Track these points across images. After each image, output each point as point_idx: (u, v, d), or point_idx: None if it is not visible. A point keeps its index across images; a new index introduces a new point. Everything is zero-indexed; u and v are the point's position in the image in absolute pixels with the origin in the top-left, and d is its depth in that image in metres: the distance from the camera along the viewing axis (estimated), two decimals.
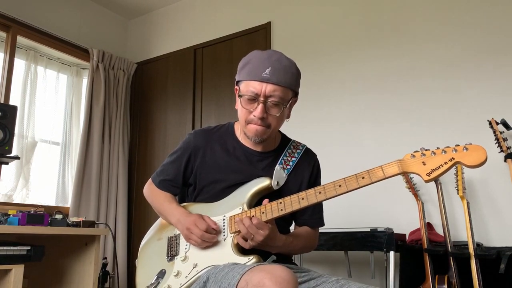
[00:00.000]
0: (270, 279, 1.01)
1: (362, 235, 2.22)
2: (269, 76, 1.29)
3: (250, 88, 1.32)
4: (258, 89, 1.30)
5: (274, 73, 1.30)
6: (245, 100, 1.34)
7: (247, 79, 1.33)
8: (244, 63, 1.37)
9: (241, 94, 1.35)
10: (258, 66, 1.31)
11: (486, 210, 2.35)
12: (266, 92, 1.30)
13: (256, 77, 1.31)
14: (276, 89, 1.31)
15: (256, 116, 1.32)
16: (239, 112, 1.40)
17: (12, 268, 2.06)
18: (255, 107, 1.33)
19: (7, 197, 3.15)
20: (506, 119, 2.16)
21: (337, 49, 3.02)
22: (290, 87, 1.34)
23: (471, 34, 2.56)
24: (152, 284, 1.36)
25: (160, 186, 1.52)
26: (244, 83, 1.35)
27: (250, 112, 1.34)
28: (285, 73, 1.32)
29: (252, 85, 1.31)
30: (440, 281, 2.04)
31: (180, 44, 3.87)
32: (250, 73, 1.33)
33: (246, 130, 1.39)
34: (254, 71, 1.32)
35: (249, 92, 1.32)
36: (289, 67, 1.34)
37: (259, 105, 1.32)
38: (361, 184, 1.19)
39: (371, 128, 2.78)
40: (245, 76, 1.34)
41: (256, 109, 1.32)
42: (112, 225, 3.57)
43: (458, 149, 1.13)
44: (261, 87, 1.30)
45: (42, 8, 3.52)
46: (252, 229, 1.24)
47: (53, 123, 3.58)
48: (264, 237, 1.24)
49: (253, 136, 1.38)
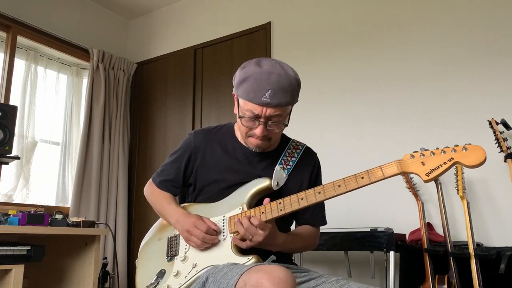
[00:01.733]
0: (268, 279, 1.02)
1: (362, 235, 2.22)
2: (269, 100, 1.25)
3: (249, 108, 1.29)
4: (258, 111, 1.28)
5: (275, 96, 1.26)
6: (246, 119, 1.32)
7: (246, 99, 1.29)
8: (241, 79, 1.31)
9: (241, 114, 1.32)
10: (257, 88, 1.26)
11: (486, 210, 2.35)
12: (267, 114, 1.28)
13: (255, 100, 1.27)
14: (277, 110, 1.28)
15: (257, 135, 1.32)
16: (239, 124, 1.39)
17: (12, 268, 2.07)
18: (256, 126, 1.32)
19: (7, 197, 3.15)
20: (506, 119, 2.16)
21: (337, 49, 3.02)
22: (291, 104, 1.33)
23: (471, 34, 2.55)
24: (152, 284, 1.36)
25: (161, 186, 1.52)
26: (242, 101, 1.31)
27: (251, 128, 1.34)
28: (285, 94, 1.27)
29: (251, 106, 1.28)
30: (440, 281, 2.04)
31: (180, 44, 3.87)
32: (248, 93, 1.28)
33: (247, 141, 1.40)
34: (253, 92, 1.27)
35: (249, 112, 1.29)
36: (289, 86, 1.28)
37: (259, 125, 1.31)
38: (361, 184, 1.19)
39: (371, 128, 2.78)
40: (244, 95, 1.29)
41: (257, 128, 1.32)
42: (112, 225, 3.57)
43: (457, 149, 1.13)
44: (261, 110, 1.28)
45: (42, 8, 3.52)
46: (250, 230, 1.24)
47: (53, 123, 3.58)
48: (264, 237, 1.25)
49: (254, 148, 1.40)
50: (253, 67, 1.30)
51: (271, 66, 1.29)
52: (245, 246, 1.27)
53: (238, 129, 1.49)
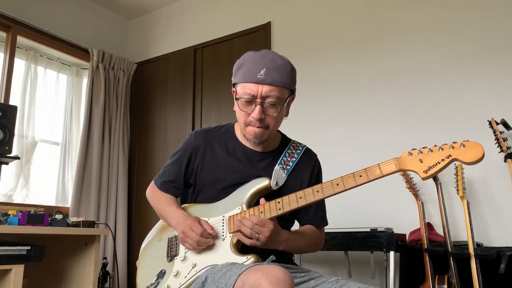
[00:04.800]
0: (266, 279, 1.02)
1: (362, 235, 2.22)
2: (264, 77, 1.29)
3: (246, 90, 1.32)
4: (254, 91, 1.30)
5: (269, 74, 1.30)
6: (243, 102, 1.34)
7: (242, 81, 1.33)
8: (238, 65, 1.37)
9: (238, 97, 1.35)
10: (252, 67, 1.31)
11: (486, 210, 2.35)
12: (263, 93, 1.30)
13: (251, 79, 1.30)
14: (272, 90, 1.31)
15: (254, 118, 1.33)
16: (237, 115, 1.40)
17: (12, 268, 2.06)
18: (253, 109, 1.33)
19: (7, 197, 3.15)
20: (506, 119, 2.16)
21: (337, 49, 3.02)
22: (286, 85, 1.34)
23: (471, 34, 2.55)
24: (152, 284, 1.36)
25: (162, 188, 1.52)
26: (240, 85, 1.35)
27: (248, 114, 1.35)
28: (280, 73, 1.31)
29: (248, 87, 1.31)
30: (440, 281, 2.04)
31: (180, 44, 3.88)
32: (245, 75, 1.32)
33: (245, 132, 1.39)
34: (248, 73, 1.31)
35: (246, 94, 1.32)
36: (283, 66, 1.33)
37: (256, 106, 1.32)
38: (359, 182, 1.19)
39: (371, 127, 2.78)
40: (241, 78, 1.34)
41: (254, 111, 1.33)
42: (112, 225, 3.57)
43: (455, 146, 1.13)
44: (257, 89, 1.30)
45: (42, 8, 3.52)
46: (255, 228, 1.24)
47: (53, 123, 3.58)
48: (271, 232, 1.24)
49: (252, 138, 1.38)
50: (248, 53, 1.37)
51: (266, 51, 1.37)
52: (249, 243, 1.27)
53: (238, 128, 1.49)
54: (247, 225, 1.25)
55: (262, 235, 1.24)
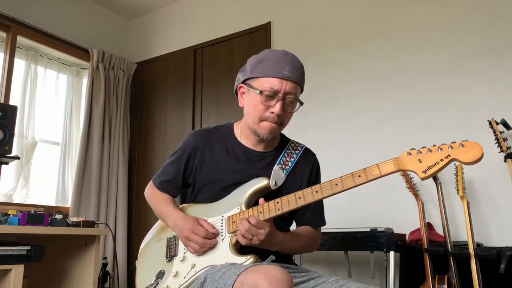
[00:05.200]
0: (265, 279, 1.02)
1: (362, 235, 2.21)
2: (289, 74, 1.32)
3: (269, 85, 1.32)
4: (278, 86, 1.32)
5: (293, 72, 1.33)
6: (264, 96, 1.34)
7: (265, 76, 1.33)
8: (258, 60, 1.37)
9: (261, 89, 1.34)
10: (276, 63, 1.33)
11: (486, 210, 2.34)
12: (286, 90, 1.33)
13: (276, 74, 1.32)
14: (294, 87, 1.34)
15: (275, 113, 1.34)
16: (251, 110, 1.38)
17: (12, 268, 2.06)
18: (273, 104, 1.34)
19: (7, 197, 3.15)
20: (506, 119, 2.15)
21: (337, 49, 3.02)
22: (302, 86, 1.40)
23: (472, 34, 2.55)
24: (151, 284, 1.36)
25: (160, 187, 1.52)
26: (261, 79, 1.35)
27: (266, 109, 1.35)
28: (299, 72, 1.36)
29: (271, 82, 1.32)
30: (440, 281, 2.04)
31: (180, 44, 3.87)
32: (268, 70, 1.33)
33: (259, 127, 1.38)
34: (273, 68, 1.33)
35: (268, 88, 1.33)
36: (301, 67, 1.38)
37: (278, 102, 1.33)
38: (358, 182, 1.18)
39: (370, 128, 2.78)
40: (263, 72, 1.34)
41: (274, 106, 1.34)
42: (112, 225, 3.57)
43: (454, 146, 1.12)
44: (281, 85, 1.32)
45: (42, 8, 3.52)
46: (251, 230, 1.24)
47: (53, 123, 3.58)
48: (266, 235, 1.24)
49: (265, 134, 1.38)
50: (267, 50, 1.40)
51: (285, 51, 1.39)
52: (244, 243, 1.27)
53: (237, 128, 1.49)
54: (244, 226, 1.25)
55: (257, 238, 1.25)
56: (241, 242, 1.27)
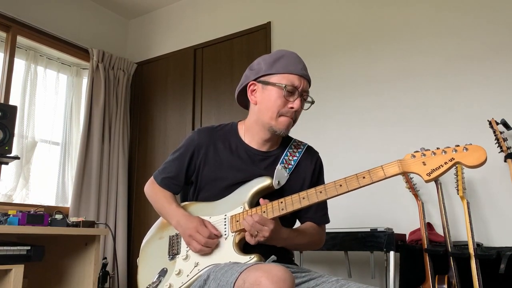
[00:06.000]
0: (267, 278, 1.02)
1: (362, 235, 2.22)
2: (306, 73, 1.41)
3: (291, 81, 1.37)
4: (298, 83, 1.38)
5: (306, 71, 1.42)
6: (287, 92, 1.37)
7: (286, 72, 1.38)
8: (276, 57, 1.42)
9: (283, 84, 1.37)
10: (294, 62, 1.40)
11: (486, 210, 2.35)
12: (304, 87, 1.39)
13: (296, 71, 1.38)
14: (308, 86, 1.42)
15: (295, 108, 1.38)
16: (269, 105, 1.40)
17: (12, 268, 2.06)
18: (293, 100, 1.38)
19: (7, 197, 3.15)
20: (506, 119, 2.16)
21: (337, 49, 3.03)
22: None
23: (472, 34, 2.56)
24: (154, 282, 1.36)
25: (162, 184, 1.51)
26: (281, 75, 1.39)
27: (284, 104, 1.38)
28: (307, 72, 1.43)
29: (292, 78, 1.38)
30: (440, 281, 2.04)
31: (180, 44, 3.87)
32: (288, 67, 1.39)
33: (277, 123, 1.40)
34: (292, 65, 1.39)
35: (290, 83, 1.37)
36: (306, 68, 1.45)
37: (298, 98, 1.38)
38: (362, 183, 1.19)
39: (371, 128, 2.78)
40: (283, 69, 1.39)
41: (294, 102, 1.38)
42: (112, 225, 3.57)
43: (458, 150, 1.13)
44: (300, 82, 1.38)
45: (42, 8, 3.52)
46: (256, 226, 1.24)
47: (53, 123, 3.58)
48: (270, 232, 1.25)
49: (283, 129, 1.40)
50: (281, 50, 1.47)
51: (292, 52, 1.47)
52: (254, 242, 1.27)
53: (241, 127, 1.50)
54: (248, 221, 1.25)
55: (261, 234, 1.25)
56: (249, 241, 1.28)
